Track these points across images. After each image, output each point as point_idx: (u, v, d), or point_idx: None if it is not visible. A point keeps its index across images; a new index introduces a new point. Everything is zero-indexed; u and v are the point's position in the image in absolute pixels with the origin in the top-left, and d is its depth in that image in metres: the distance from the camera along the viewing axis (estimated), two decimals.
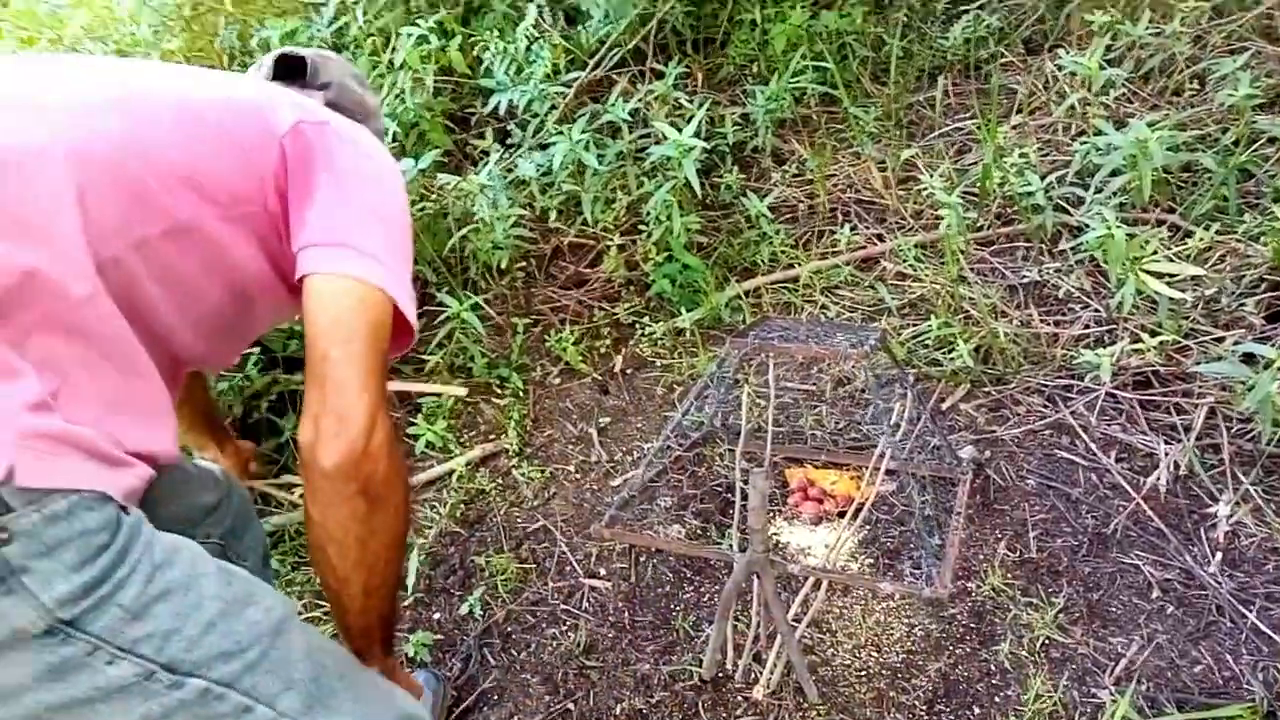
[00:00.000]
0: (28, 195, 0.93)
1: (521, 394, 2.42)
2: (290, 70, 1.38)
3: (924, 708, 1.63)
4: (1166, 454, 1.90)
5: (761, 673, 1.68)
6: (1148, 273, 1.97)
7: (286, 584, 2.05)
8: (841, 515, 1.94)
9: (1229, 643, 1.63)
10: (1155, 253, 2.05)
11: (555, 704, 1.75)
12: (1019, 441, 2.04)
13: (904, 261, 2.49)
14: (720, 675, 1.73)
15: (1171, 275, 2.01)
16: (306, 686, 1.04)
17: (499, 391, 2.43)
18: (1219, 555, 1.75)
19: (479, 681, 1.81)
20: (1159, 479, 1.87)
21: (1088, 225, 2.21)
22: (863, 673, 1.70)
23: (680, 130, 2.38)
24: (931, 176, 2.50)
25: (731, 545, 1.90)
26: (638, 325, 2.53)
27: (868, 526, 1.94)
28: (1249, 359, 1.88)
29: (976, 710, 1.62)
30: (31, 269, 0.91)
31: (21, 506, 0.85)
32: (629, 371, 2.46)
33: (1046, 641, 1.68)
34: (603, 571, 1.97)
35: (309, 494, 1.05)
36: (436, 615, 1.95)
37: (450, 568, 2.04)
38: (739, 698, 1.70)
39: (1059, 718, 1.57)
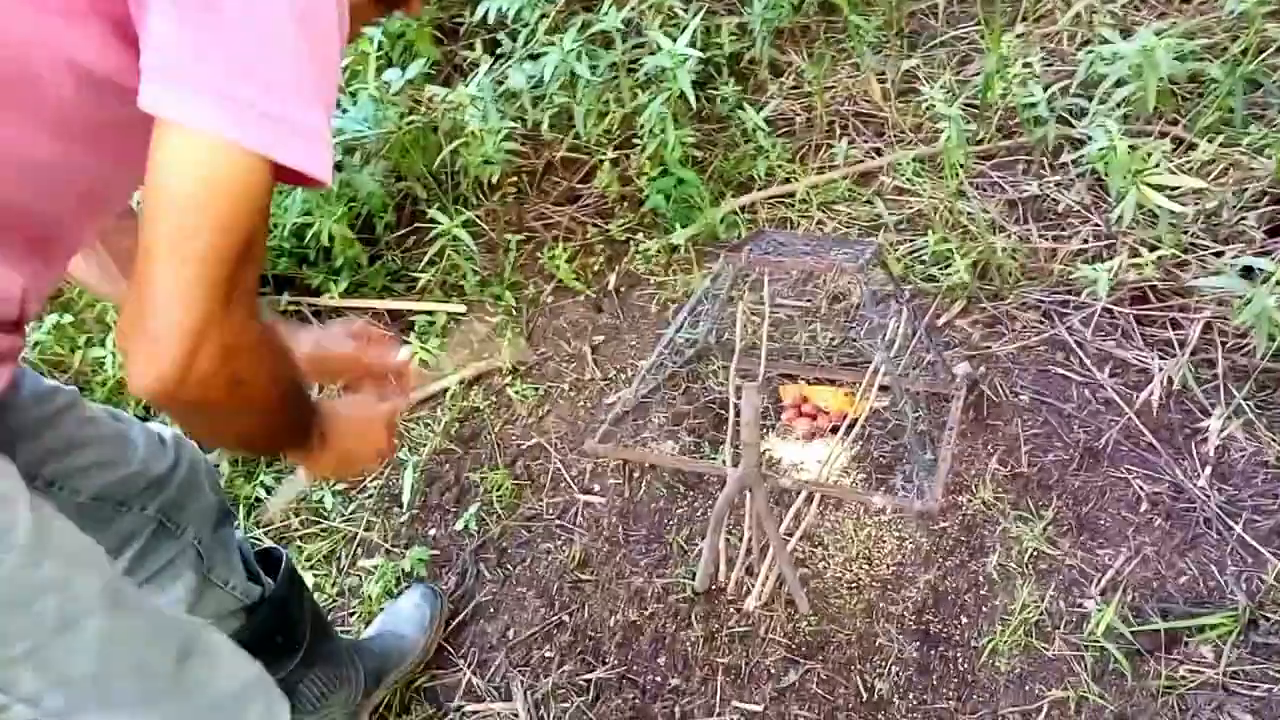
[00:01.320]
0: None
1: (514, 312, 2.40)
2: None
3: (913, 618, 1.66)
4: (1161, 369, 1.89)
5: (753, 585, 1.71)
6: (1149, 185, 1.93)
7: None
8: (835, 431, 1.94)
9: (1215, 554, 1.65)
10: (1157, 165, 2.01)
11: (550, 616, 1.78)
12: (1014, 357, 2.04)
13: (902, 176, 2.45)
14: (713, 588, 1.75)
15: (1173, 188, 1.98)
16: (83, 685, 0.93)
17: (491, 309, 2.41)
18: (1209, 469, 1.76)
19: (475, 595, 1.84)
20: (1152, 394, 1.87)
21: (1090, 137, 2.16)
22: (854, 585, 1.73)
23: (675, 40, 2.31)
24: (932, 88, 2.44)
25: (724, 460, 1.90)
26: (631, 242, 2.50)
27: (861, 442, 1.94)
28: (1247, 273, 1.86)
29: (964, 620, 1.65)
30: None
31: None
32: (623, 289, 2.43)
33: (1035, 554, 1.70)
34: (597, 487, 1.98)
35: None
36: (432, 531, 1.97)
37: (445, 484, 2.05)
38: (731, 609, 1.73)
39: (1045, 626, 1.61)
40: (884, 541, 1.78)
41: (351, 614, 1.86)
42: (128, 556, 1.20)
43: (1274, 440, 1.77)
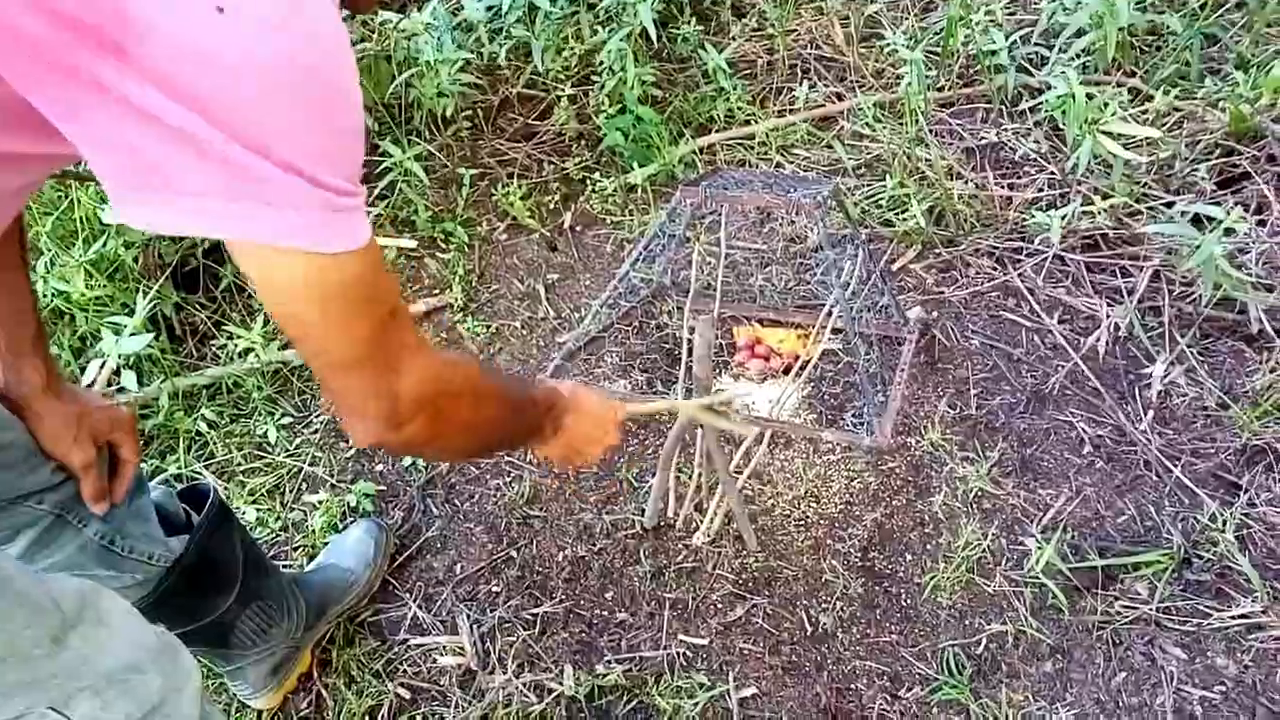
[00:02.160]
0: None
1: (467, 248, 2.35)
2: None
3: (858, 555, 1.68)
4: (1108, 316, 1.91)
5: (702, 522, 1.71)
6: (1105, 134, 1.94)
7: (226, 435, 2.02)
8: (787, 372, 1.94)
9: (1153, 495, 1.69)
10: (1114, 114, 2.01)
11: (498, 551, 1.77)
12: (966, 303, 2.05)
13: (862, 121, 2.43)
14: (662, 524, 1.75)
15: (1128, 138, 1.99)
16: None
17: (443, 245, 2.36)
18: (1150, 413, 1.79)
19: (422, 530, 1.82)
20: (1099, 340, 1.89)
21: (1049, 85, 2.16)
22: (801, 522, 1.73)
23: None
24: (895, 33, 2.42)
25: (677, 397, 1.89)
26: (588, 181, 2.46)
27: (813, 383, 1.95)
28: (1197, 222, 1.88)
29: (909, 557, 1.66)
30: None
31: None
32: (578, 228, 2.40)
33: (979, 493, 1.72)
34: None
35: None
36: (379, 467, 1.95)
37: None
38: (680, 545, 1.73)
39: (986, 564, 1.63)
40: (832, 480, 1.79)
41: (295, 549, 1.83)
42: (20, 545, 1.12)
43: (1214, 387, 1.80)
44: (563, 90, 2.48)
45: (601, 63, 2.41)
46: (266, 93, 0.65)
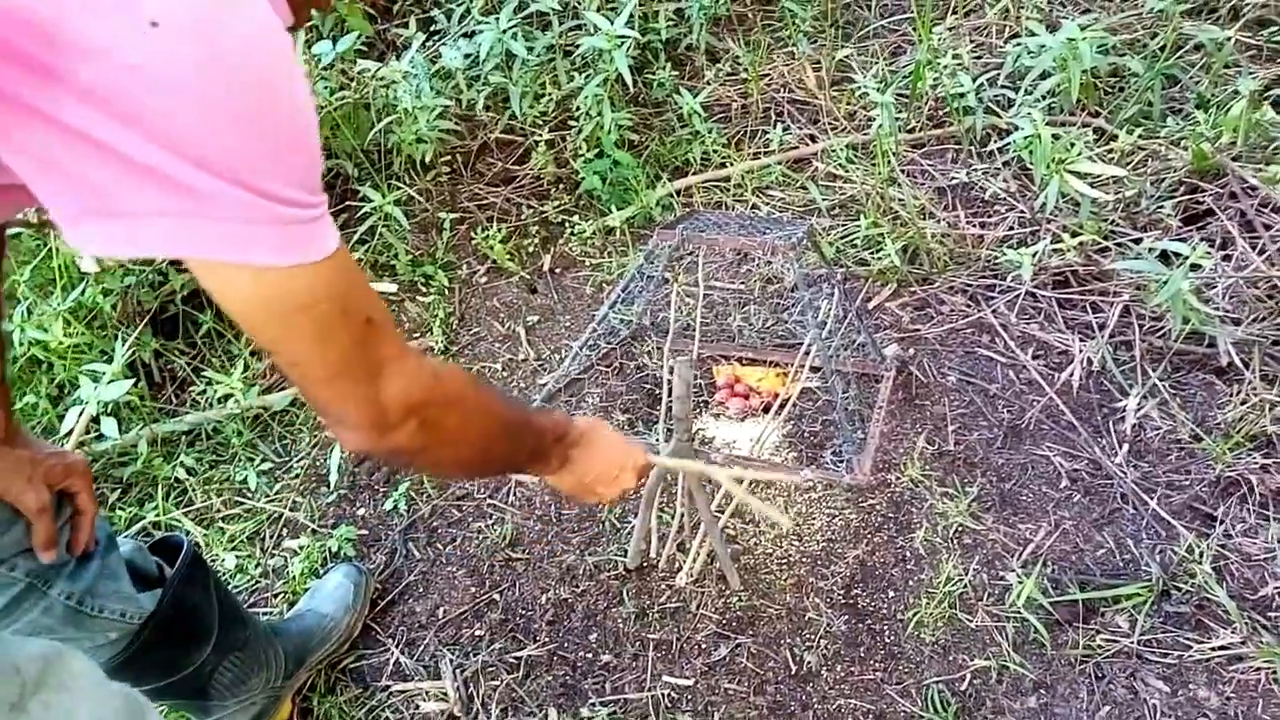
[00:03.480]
0: None
1: (447, 292, 2.36)
2: None
3: (841, 592, 1.68)
4: (1081, 350, 1.95)
5: (685, 562, 1.71)
6: (1072, 173, 1.99)
7: (206, 481, 2.01)
8: (767, 411, 1.96)
9: (1130, 528, 1.70)
10: (1080, 154, 2.06)
11: (481, 595, 1.76)
12: (941, 340, 2.07)
13: (835, 162, 2.48)
14: (645, 565, 1.75)
15: (1094, 176, 2.03)
16: None
17: (423, 289, 2.37)
18: (1125, 447, 1.81)
19: (404, 575, 1.81)
20: (1073, 374, 1.92)
21: (1016, 126, 2.21)
22: (784, 561, 1.74)
23: (612, 22, 2.30)
24: (865, 77, 2.48)
25: (658, 437, 1.90)
26: (567, 224, 2.48)
27: (792, 421, 1.96)
28: (1164, 258, 1.93)
29: (891, 593, 1.67)
30: None
31: None
32: (558, 271, 2.42)
33: (960, 529, 1.73)
34: None
35: None
36: (360, 511, 1.94)
37: (374, 464, 2.01)
38: (663, 585, 1.73)
39: (968, 599, 1.64)
40: (814, 518, 1.80)
41: (276, 595, 1.81)
42: None
43: (1187, 419, 1.83)
44: (540, 135, 2.51)
45: (578, 108, 2.45)
46: (206, 105, 0.63)
